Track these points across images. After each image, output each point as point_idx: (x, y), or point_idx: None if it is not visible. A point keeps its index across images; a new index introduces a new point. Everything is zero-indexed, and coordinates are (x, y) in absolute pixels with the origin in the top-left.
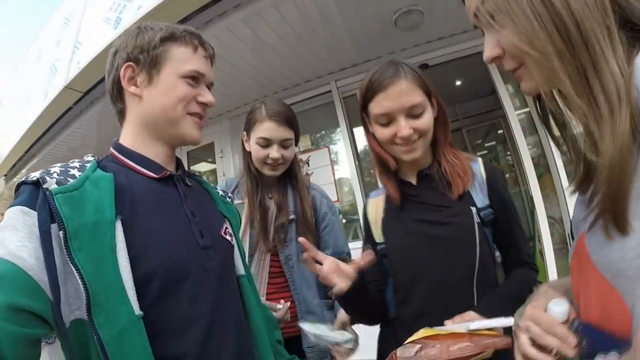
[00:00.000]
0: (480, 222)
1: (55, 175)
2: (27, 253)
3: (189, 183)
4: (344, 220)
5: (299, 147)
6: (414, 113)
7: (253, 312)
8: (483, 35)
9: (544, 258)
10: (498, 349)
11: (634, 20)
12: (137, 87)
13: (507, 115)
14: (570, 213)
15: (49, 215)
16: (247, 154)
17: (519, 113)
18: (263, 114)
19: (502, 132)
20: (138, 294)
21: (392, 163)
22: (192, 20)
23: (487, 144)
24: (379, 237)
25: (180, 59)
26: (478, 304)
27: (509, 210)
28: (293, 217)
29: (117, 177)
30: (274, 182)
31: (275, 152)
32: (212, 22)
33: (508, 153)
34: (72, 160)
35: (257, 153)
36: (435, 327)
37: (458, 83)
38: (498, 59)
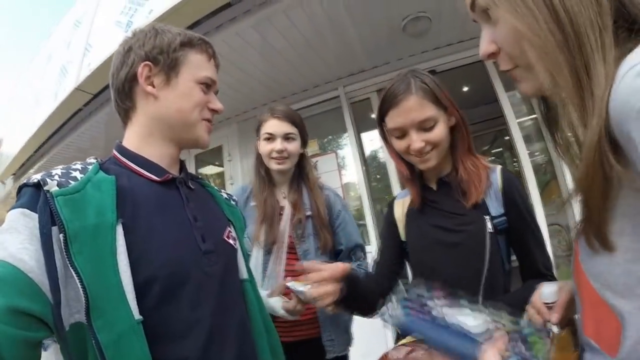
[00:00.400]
0: (494, 230)
1: (57, 178)
2: (28, 255)
3: (192, 186)
4: None
5: (307, 151)
6: (425, 126)
7: (255, 316)
8: None
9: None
10: None
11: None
12: (153, 87)
13: (508, 123)
14: (577, 220)
15: (50, 218)
16: (258, 156)
17: (525, 120)
18: (267, 114)
19: (508, 138)
20: (138, 298)
21: (405, 173)
22: (202, 25)
23: (493, 151)
24: (403, 236)
25: (197, 65)
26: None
27: (524, 221)
28: (309, 213)
29: (119, 179)
30: (286, 181)
31: (279, 144)
32: (222, 27)
33: (515, 160)
34: (74, 162)
35: (263, 148)
36: None
37: (465, 89)
38: (493, 56)
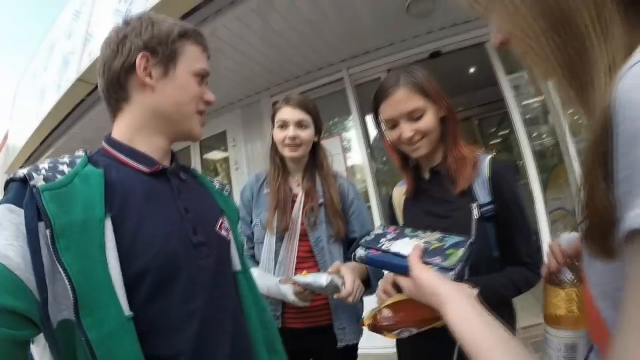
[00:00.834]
0: (480, 217)
1: (44, 172)
2: (13, 252)
3: (183, 177)
4: None
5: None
6: (414, 116)
7: (249, 308)
8: None
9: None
10: None
11: None
12: (151, 78)
13: (508, 106)
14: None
15: (36, 213)
16: (273, 144)
17: (530, 102)
18: (282, 102)
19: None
20: (129, 293)
21: (398, 163)
22: (202, 10)
23: (500, 133)
24: (401, 221)
25: (193, 57)
26: None
27: (510, 210)
28: (322, 201)
29: (108, 171)
30: (300, 169)
31: (292, 131)
32: (222, 11)
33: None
34: (62, 155)
35: (277, 135)
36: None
37: (471, 70)
38: (505, 45)
